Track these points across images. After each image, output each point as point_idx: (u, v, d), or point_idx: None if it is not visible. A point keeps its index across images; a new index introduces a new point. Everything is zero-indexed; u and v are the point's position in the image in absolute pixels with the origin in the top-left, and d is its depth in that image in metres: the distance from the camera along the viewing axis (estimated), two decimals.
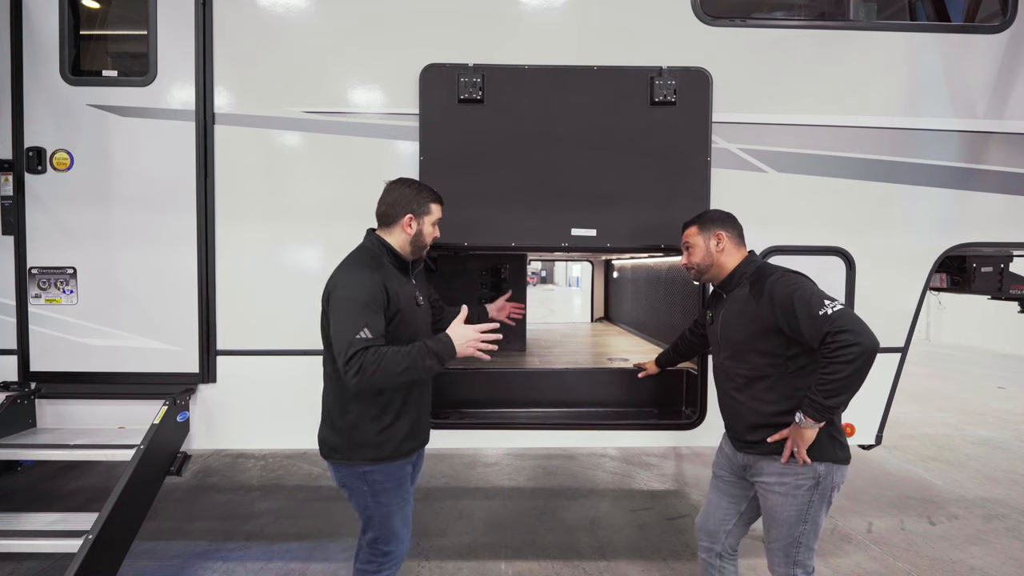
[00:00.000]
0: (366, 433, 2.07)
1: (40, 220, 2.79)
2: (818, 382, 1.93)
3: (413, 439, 2.19)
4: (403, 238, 2.15)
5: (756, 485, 2.19)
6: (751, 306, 2.10)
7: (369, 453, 2.07)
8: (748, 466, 2.20)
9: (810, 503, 2.05)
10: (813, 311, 1.91)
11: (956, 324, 12.90)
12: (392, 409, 2.10)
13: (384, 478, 2.12)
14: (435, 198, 2.22)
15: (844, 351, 1.84)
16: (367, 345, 1.86)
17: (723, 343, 2.22)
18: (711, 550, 2.34)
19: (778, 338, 2.05)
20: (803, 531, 2.07)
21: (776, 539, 2.12)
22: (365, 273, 2.01)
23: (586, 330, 5.97)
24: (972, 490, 4.47)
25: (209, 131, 2.76)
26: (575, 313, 18.70)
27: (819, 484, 2.04)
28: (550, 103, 2.76)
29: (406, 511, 2.22)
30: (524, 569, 3.23)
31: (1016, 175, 2.88)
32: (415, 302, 2.17)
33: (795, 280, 2.06)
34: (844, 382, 1.87)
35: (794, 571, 2.10)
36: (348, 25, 2.78)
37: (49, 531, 2.40)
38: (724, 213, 2.30)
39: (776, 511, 2.10)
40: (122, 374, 2.81)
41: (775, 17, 3.40)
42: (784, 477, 2.07)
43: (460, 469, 4.84)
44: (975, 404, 7.30)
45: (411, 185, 2.19)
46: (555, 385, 3.18)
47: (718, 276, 2.26)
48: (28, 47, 2.76)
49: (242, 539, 3.56)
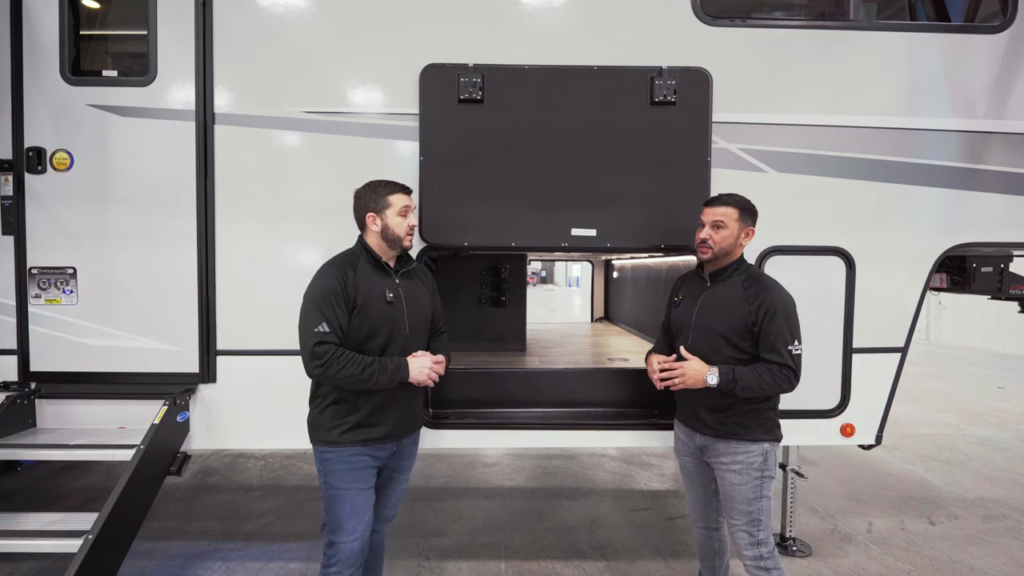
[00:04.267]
0: (323, 416, 2.22)
1: (40, 220, 2.78)
2: (750, 368, 2.17)
3: (367, 428, 2.20)
4: (375, 237, 2.26)
5: (712, 466, 2.34)
6: (742, 303, 2.22)
7: (322, 435, 2.22)
8: (705, 447, 2.36)
9: (762, 479, 2.25)
10: (787, 340, 2.17)
11: (956, 324, 12.89)
12: (350, 396, 2.19)
13: (334, 458, 2.20)
14: (392, 190, 2.26)
15: (782, 377, 2.16)
16: (323, 340, 2.08)
17: (695, 327, 2.31)
18: (707, 527, 2.51)
19: (751, 336, 2.21)
20: (760, 507, 2.24)
21: (737, 519, 2.27)
22: (326, 270, 2.21)
23: (586, 330, 5.97)
24: (972, 490, 4.47)
25: (209, 131, 2.76)
26: (575, 313, 18.69)
27: (766, 460, 2.26)
28: (550, 103, 2.76)
29: (358, 502, 2.20)
30: (524, 569, 3.23)
31: (1016, 175, 2.88)
32: (383, 298, 2.21)
33: (791, 303, 2.25)
34: (762, 387, 2.16)
35: (760, 551, 2.24)
36: (348, 25, 2.78)
37: (49, 531, 2.40)
38: (755, 207, 2.34)
39: (735, 490, 2.26)
40: (122, 374, 2.81)
41: (775, 17, 3.40)
42: (737, 456, 2.25)
43: (460, 469, 4.84)
44: (975, 404, 7.30)
45: (367, 186, 2.29)
46: (555, 385, 3.18)
47: (719, 264, 2.32)
48: (28, 47, 2.76)
49: (242, 539, 3.56)
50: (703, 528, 2.51)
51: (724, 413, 2.26)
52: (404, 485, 2.45)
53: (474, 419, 2.99)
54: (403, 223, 2.24)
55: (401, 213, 2.24)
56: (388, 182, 2.28)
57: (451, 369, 3.16)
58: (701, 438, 2.35)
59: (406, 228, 2.25)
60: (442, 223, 2.77)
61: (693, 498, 2.52)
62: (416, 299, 2.32)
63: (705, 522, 2.50)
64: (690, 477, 2.50)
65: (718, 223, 2.26)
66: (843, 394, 2.92)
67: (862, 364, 2.92)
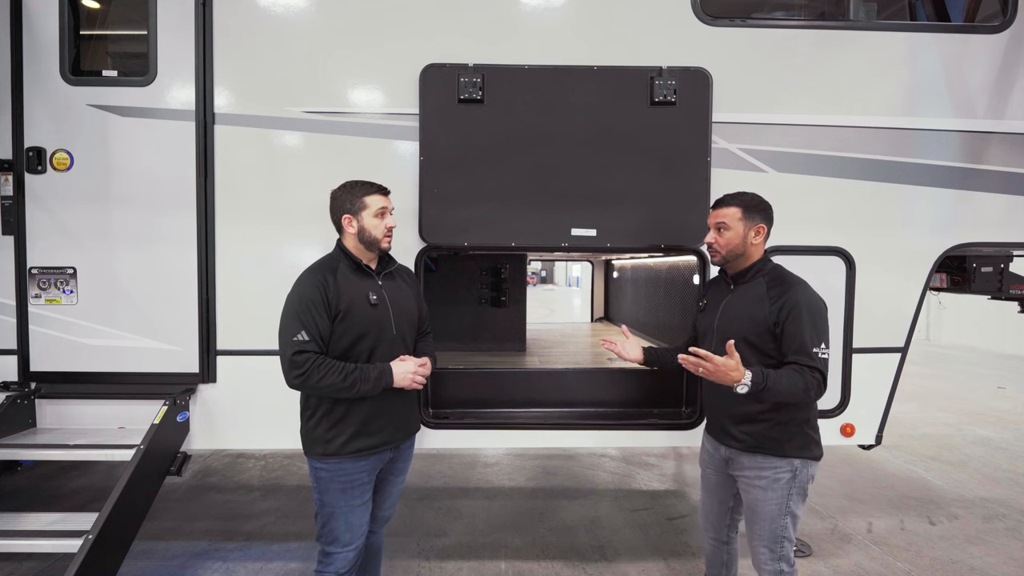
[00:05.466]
0: (318, 428, 2.15)
1: (40, 220, 2.78)
2: (783, 370, 2.02)
3: (365, 437, 2.15)
4: (352, 239, 2.21)
5: (737, 479, 2.25)
6: (764, 304, 2.12)
7: (319, 448, 2.15)
8: (730, 460, 2.26)
9: (789, 496, 2.13)
10: (813, 343, 2.03)
11: (956, 324, 12.89)
12: (342, 405, 2.13)
13: (329, 476, 2.15)
14: (368, 191, 2.20)
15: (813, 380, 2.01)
16: (302, 348, 2.02)
17: (718, 331, 2.22)
18: (718, 539, 2.43)
19: (774, 338, 2.10)
20: (784, 524, 2.14)
21: (760, 535, 2.18)
22: (306, 277, 2.15)
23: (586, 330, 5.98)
24: (972, 490, 4.47)
25: (209, 131, 2.76)
26: (575, 313, 18.68)
27: (796, 477, 2.13)
28: (550, 103, 2.76)
29: (352, 518, 2.17)
30: (524, 569, 3.23)
31: (1016, 175, 2.88)
32: (367, 301, 2.16)
33: (818, 303, 2.12)
34: (793, 392, 2.00)
35: (780, 565, 2.16)
36: (348, 25, 2.78)
37: (49, 531, 2.40)
38: (766, 203, 2.22)
39: (758, 505, 2.16)
40: (122, 374, 2.81)
41: (775, 17, 3.40)
42: (763, 471, 2.14)
43: (460, 469, 4.84)
44: (975, 404, 7.30)
45: (342, 187, 2.23)
46: (555, 385, 3.18)
47: (738, 266, 2.23)
48: (28, 47, 2.76)
49: (242, 539, 3.56)
50: (713, 539, 2.44)
51: (752, 424, 2.14)
52: (401, 486, 2.44)
53: (474, 419, 2.99)
54: (380, 225, 2.18)
55: (378, 215, 2.18)
56: (364, 183, 2.22)
57: (451, 369, 3.18)
58: (727, 450, 2.25)
59: (383, 230, 2.19)
60: (442, 223, 2.77)
61: (707, 510, 2.43)
62: (401, 300, 2.27)
63: (716, 533, 2.42)
64: (709, 490, 2.41)
65: (721, 225, 2.20)
66: (843, 394, 2.92)
67: (862, 364, 2.92)
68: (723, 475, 2.32)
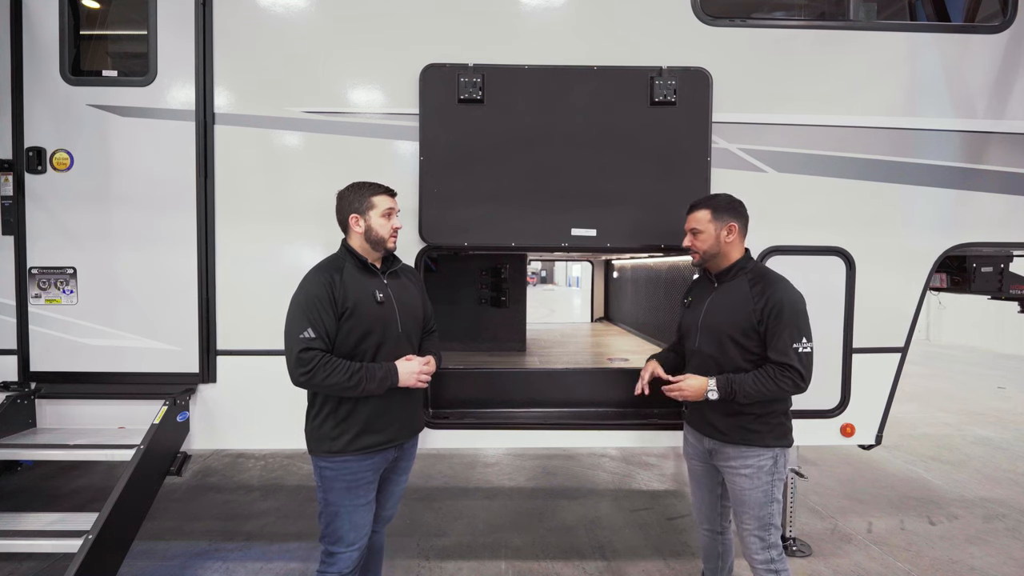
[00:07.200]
0: (323, 426, 2.16)
1: (40, 220, 2.78)
2: (751, 375, 2.15)
3: (370, 435, 2.16)
4: (358, 238, 2.23)
5: (722, 470, 2.33)
6: (748, 302, 2.20)
7: (324, 446, 2.15)
8: (713, 451, 2.34)
9: (772, 483, 2.23)
10: (793, 338, 2.13)
11: (956, 324, 12.89)
12: (347, 403, 2.14)
13: (334, 475, 2.15)
14: (376, 191, 2.23)
15: (787, 380, 2.13)
16: (308, 346, 2.03)
17: (703, 328, 2.30)
18: (712, 530, 2.50)
19: (758, 336, 2.18)
20: (771, 512, 2.23)
21: (748, 524, 2.26)
22: (312, 275, 2.16)
23: (586, 330, 5.98)
24: (972, 490, 4.47)
25: (209, 131, 2.76)
26: (575, 313, 18.68)
27: (776, 463, 2.24)
28: (550, 103, 2.76)
29: (356, 518, 2.17)
30: (524, 569, 3.23)
31: (1016, 175, 2.88)
32: (374, 299, 2.17)
33: (799, 300, 2.20)
34: (764, 394, 2.14)
35: (770, 553, 2.23)
36: (348, 25, 2.78)
37: (49, 531, 2.40)
38: (736, 201, 2.31)
39: (745, 494, 2.25)
40: (122, 374, 2.81)
41: (775, 17, 3.40)
42: (747, 460, 2.23)
43: (460, 469, 4.83)
44: (975, 404, 7.30)
45: (350, 187, 2.26)
46: (555, 385, 3.18)
47: (719, 265, 2.32)
48: (28, 47, 2.76)
49: (242, 539, 3.56)
50: (708, 531, 2.50)
51: (733, 418, 2.23)
52: (403, 485, 2.45)
53: (474, 419, 2.98)
54: (387, 225, 2.21)
55: (385, 215, 2.21)
56: (372, 183, 2.25)
57: (451, 369, 3.17)
58: (710, 442, 2.33)
59: (390, 230, 2.22)
60: (442, 223, 2.77)
61: (699, 501, 2.50)
62: (406, 298, 2.29)
63: (710, 525, 2.49)
64: (697, 481, 2.48)
65: (694, 230, 2.31)
66: (843, 394, 2.92)
67: (862, 364, 2.92)
68: (708, 465, 2.41)
